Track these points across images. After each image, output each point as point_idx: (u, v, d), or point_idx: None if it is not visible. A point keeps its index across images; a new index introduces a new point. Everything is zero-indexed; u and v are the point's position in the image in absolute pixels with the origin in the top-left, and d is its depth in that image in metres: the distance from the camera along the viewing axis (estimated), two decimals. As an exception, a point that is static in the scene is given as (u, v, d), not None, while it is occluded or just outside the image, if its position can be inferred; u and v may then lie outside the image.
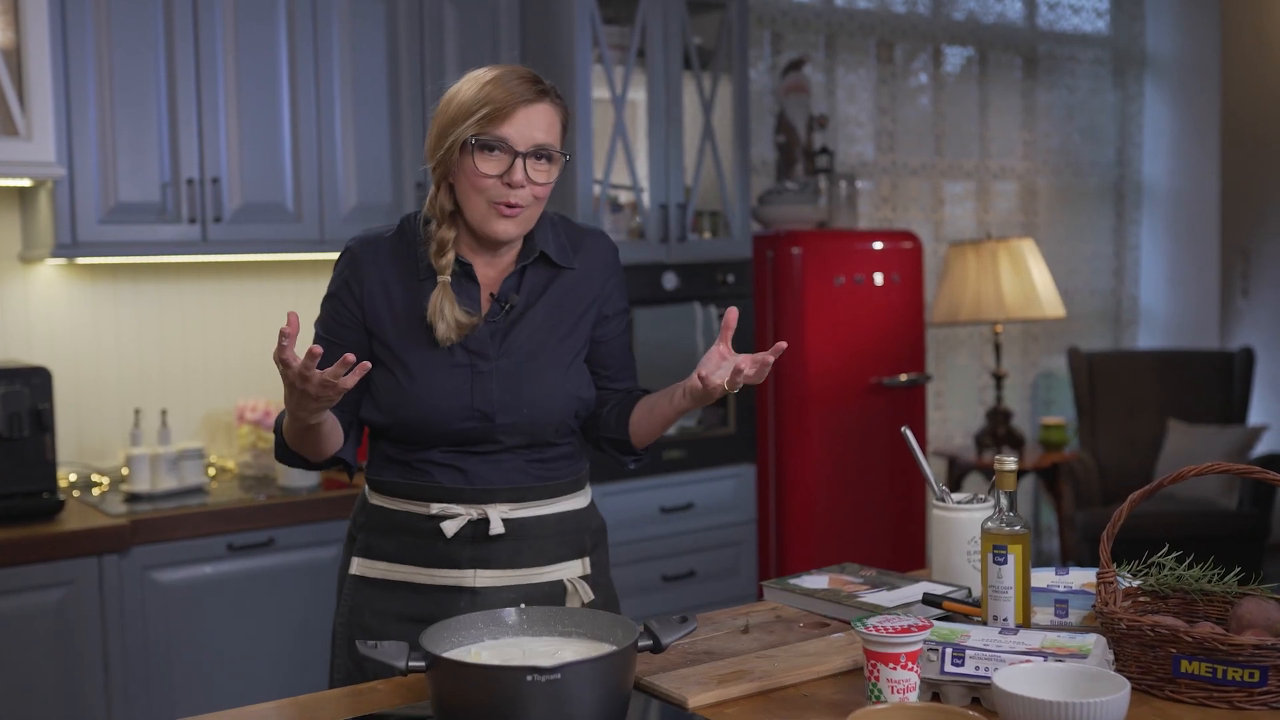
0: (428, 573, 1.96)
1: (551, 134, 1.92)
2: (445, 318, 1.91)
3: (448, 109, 1.92)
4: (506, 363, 1.95)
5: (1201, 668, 1.59)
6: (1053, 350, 6.06)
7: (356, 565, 2.01)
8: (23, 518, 3.05)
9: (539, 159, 1.91)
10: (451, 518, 1.94)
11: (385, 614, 1.98)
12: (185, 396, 3.73)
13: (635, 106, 4.17)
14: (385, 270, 1.97)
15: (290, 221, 3.52)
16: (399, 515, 1.98)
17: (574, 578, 2.02)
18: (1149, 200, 6.34)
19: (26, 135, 3.06)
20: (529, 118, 1.89)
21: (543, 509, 2.00)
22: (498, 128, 1.87)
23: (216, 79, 3.39)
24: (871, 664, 1.57)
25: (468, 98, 1.89)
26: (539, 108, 1.90)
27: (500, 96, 1.87)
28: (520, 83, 1.90)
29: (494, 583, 1.96)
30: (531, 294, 1.99)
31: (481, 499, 1.95)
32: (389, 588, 1.98)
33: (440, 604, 1.94)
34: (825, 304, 4.37)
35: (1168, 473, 1.77)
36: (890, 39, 5.39)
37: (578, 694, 1.45)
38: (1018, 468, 1.87)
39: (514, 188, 1.89)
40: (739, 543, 4.20)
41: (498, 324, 1.96)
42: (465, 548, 1.95)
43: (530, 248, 2.00)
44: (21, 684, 2.94)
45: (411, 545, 1.97)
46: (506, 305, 1.97)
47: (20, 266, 3.49)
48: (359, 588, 2.01)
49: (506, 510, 1.96)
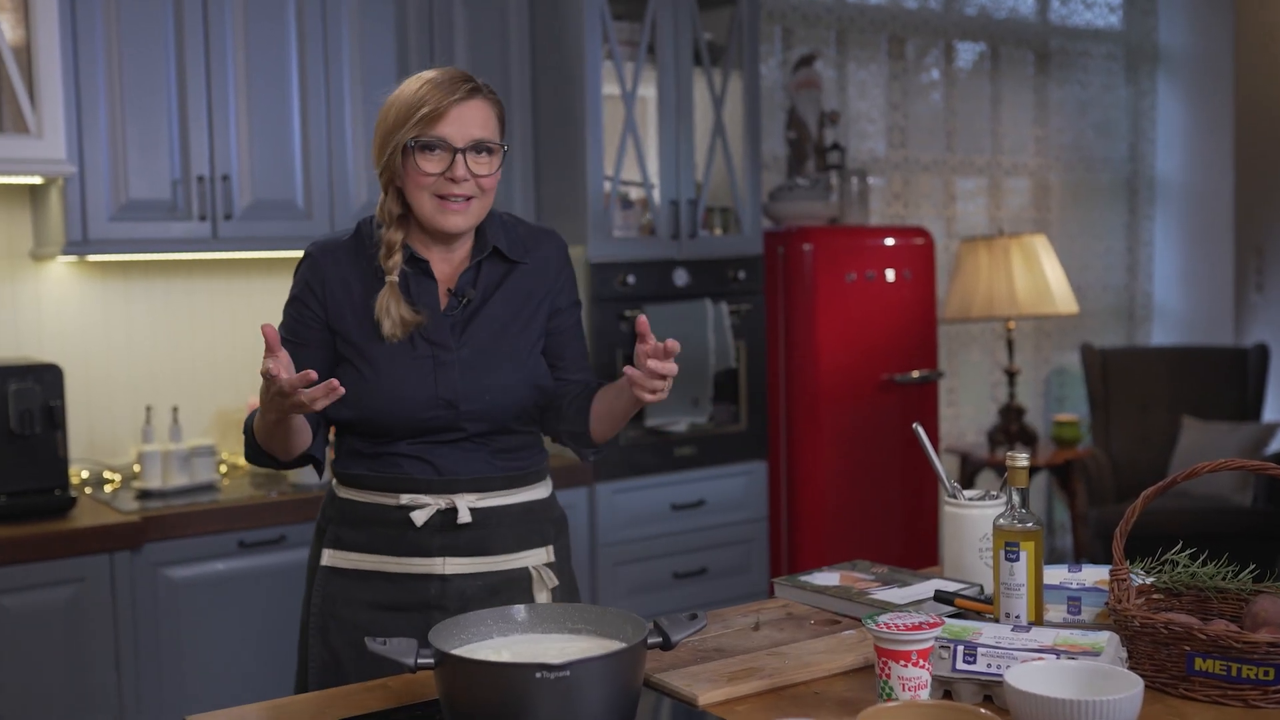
0: (398, 561, 2.02)
1: (488, 128, 2.01)
2: (390, 315, 1.99)
3: (387, 115, 2.02)
4: (467, 353, 2.03)
5: (1216, 666, 1.58)
6: (1066, 347, 6.04)
7: (327, 557, 2.07)
8: (34, 514, 3.06)
9: (479, 153, 1.99)
10: (420, 508, 2.01)
11: (357, 602, 2.03)
12: (196, 393, 3.73)
13: (645, 103, 4.17)
14: (345, 271, 2.05)
15: (300, 218, 3.52)
16: (368, 507, 2.04)
17: (539, 565, 2.08)
18: (1162, 196, 6.31)
19: (37, 133, 3.07)
20: (463, 115, 1.98)
21: (507, 498, 2.06)
22: (435, 128, 1.97)
23: (227, 76, 3.39)
24: (883, 661, 1.56)
25: (404, 102, 1.99)
26: (473, 104, 1.99)
27: (434, 97, 1.97)
28: (453, 83, 1.99)
29: (462, 569, 2.02)
30: (488, 288, 2.07)
31: (449, 489, 2.02)
32: (360, 577, 2.04)
33: (411, 591, 2.01)
34: (837, 300, 4.36)
35: (1181, 470, 1.76)
36: (902, 34, 5.38)
37: (587, 691, 1.45)
38: (1030, 464, 1.86)
39: (457, 182, 1.98)
40: (750, 540, 4.19)
41: (456, 316, 2.04)
42: (434, 536, 2.01)
43: (483, 243, 2.08)
44: (33, 680, 2.95)
45: (381, 535, 2.03)
46: (464, 299, 2.05)
47: (31, 264, 3.50)
48: (331, 578, 2.06)
49: (473, 500, 2.02)
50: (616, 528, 3.87)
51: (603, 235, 3.84)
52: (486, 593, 2.02)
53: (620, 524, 3.89)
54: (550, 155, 3.91)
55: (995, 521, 1.83)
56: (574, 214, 3.84)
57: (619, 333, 3.88)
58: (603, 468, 3.83)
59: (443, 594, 2.00)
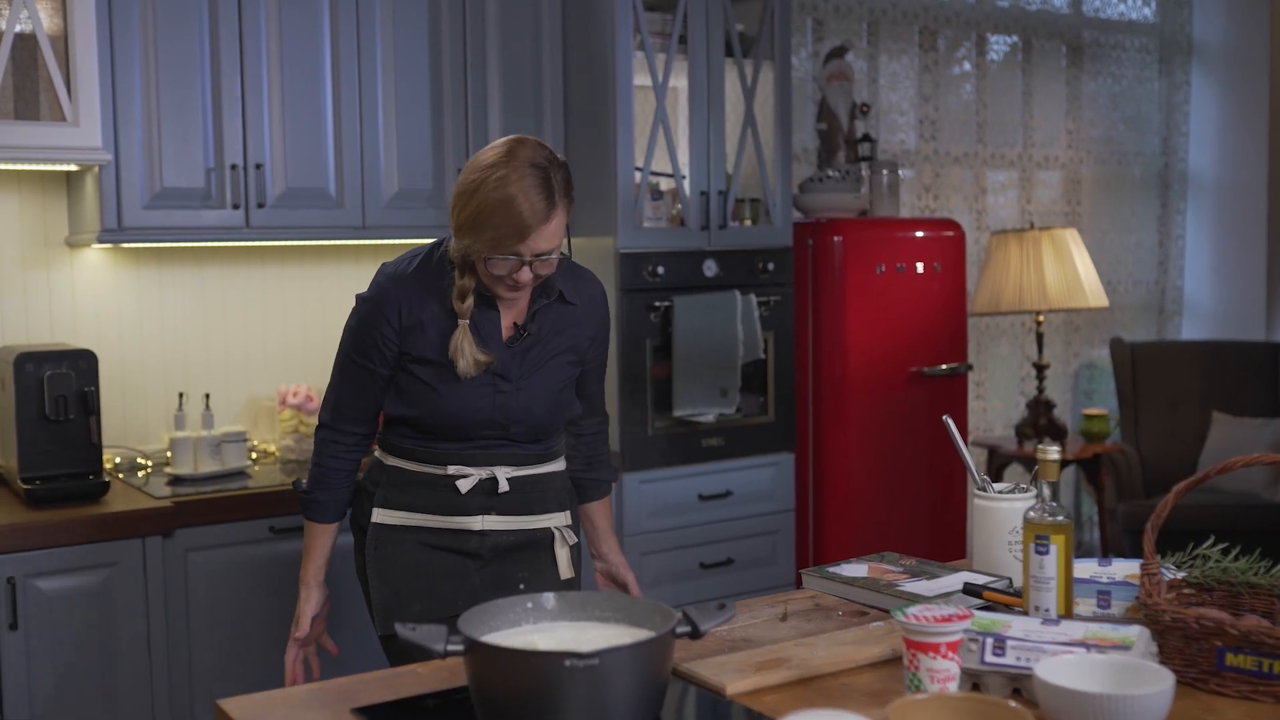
0: (441, 519, 2.29)
1: (557, 237, 2.17)
2: (465, 356, 2.21)
3: (467, 204, 2.13)
4: (523, 383, 2.28)
5: (1247, 661, 1.57)
6: (1095, 341, 6.01)
7: (378, 514, 2.32)
8: (68, 499, 3.09)
9: (544, 257, 2.16)
10: (464, 477, 2.27)
11: (408, 542, 2.31)
12: (228, 380, 3.76)
13: (676, 93, 4.16)
14: (417, 301, 2.24)
15: (333, 207, 3.54)
16: (416, 474, 2.30)
17: (561, 526, 2.37)
18: (1194, 190, 6.26)
19: (74, 121, 3.09)
20: (539, 236, 2.12)
21: (538, 469, 2.34)
22: (512, 246, 2.12)
23: (260, 65, 3.41)
24: (911, 653, 1.56)
25: (487, 208, 2.10)
26: (549, 227, 2.13)
27: (518, 222, 2.09)
28: (536, 197, 2.10)
29: (498, 526, 2.30)
30: (544, 325, 2.30)
31: (489, 462, 2.28)
32: (408, 530, 2.31)
33: (453, 539, 2.29)
34: (866, 292, 4.35)
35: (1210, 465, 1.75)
36: (933, 26, 5.36)
37: (616, 680, 1.45)
38: (1061, 458, 1.85)
39: (519, 285, 2.19)
40: (777, 531, 4.19)
41: (516, 349, 2.27)
42: (476, 498, 2.29)
43: (550, 289, 2.29)
44: (65, 663, 2.98)
45: (428, 497, 2.29)
46: (525, 334, 2.28)
47: (67, 251, 3.53)
48: (381, 531, 2.32)
49: (510, 471, 2.30)
50: (644, 518, 3.88)
51: (632, 226, 3.84)
52: (516, 546, 2.32)
53: (647, 514, 3.89)
54: (581, 145, 3.91)
55: (1025, 515, 1.82)
56: (604, 204, 3.85)
57: (648, 324, 3.88)
58: (630, 458, 3.83)
59: (481, 545, 2.30)
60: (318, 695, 1.70)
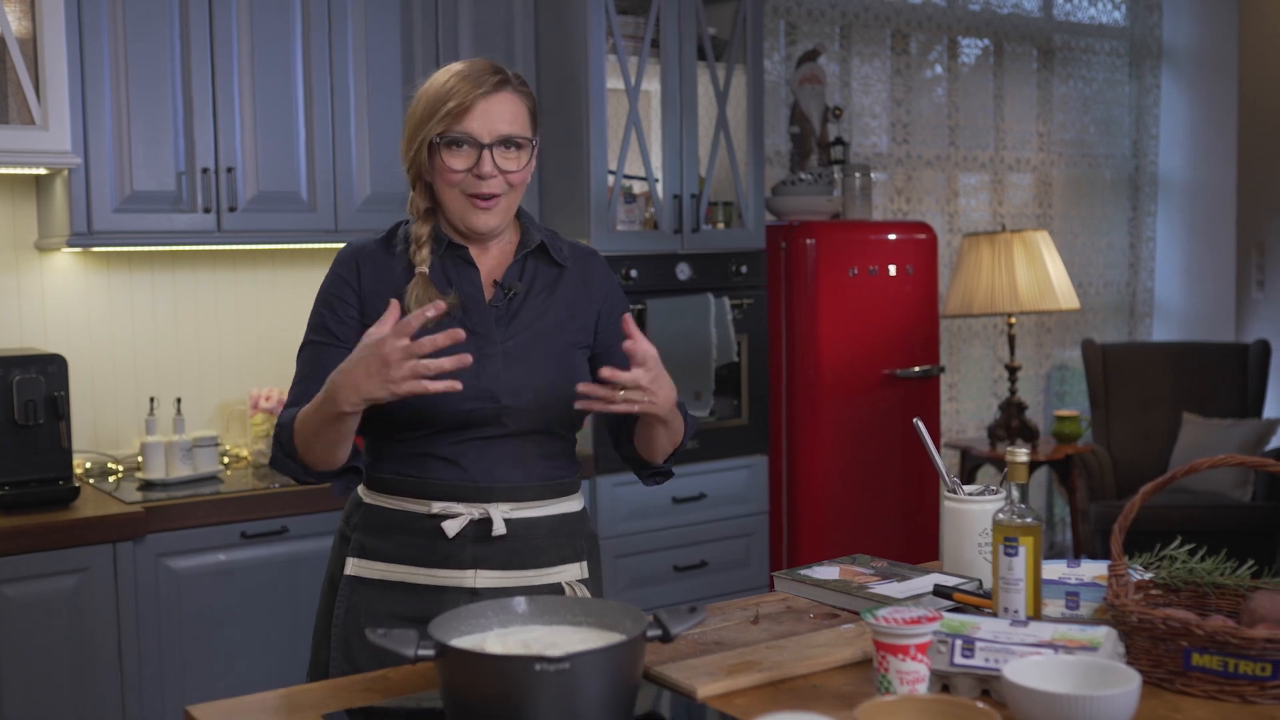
0: (427, 573, 1.95)
1: (517, 123, 1.97)
2: (419, 302, 1.93)
3: (415, 109, 1.98)
4: (511, 345, 1.97)
5: (1213, 661, 1.58)
6: (1067, 342, 6.05)
7: (352, 566, 1.99)
8: (38, 505, 3.07)
9: (507, 148, 1.95)
10: (453, 517, 1.93)
11: (383, 615, 1.96)
12: (199, 385, 3.74)
13: (649, 97, 4.17)
14: (380, 270, 2.01)
15: (305, 211, 3.53)
16: (397, 515, 1.97)
17: (572, 581, 2.02)
18: (1164, 192, 6.31)
19: (42, 124, 3.07)
20: (490, 109, 1.94)
21: (542, 510, 2.00)
22: (460, 123, 1.93)
23: (231, 68, 3.40)
24: (881, 655, 1.57)
25: (431, 96, 1.95)
26: (500, 97, 1.95)
27: (460, 91, 1.92)
28: (480, 75, 1.95)
29: (494, 583, 1.95)
30: (533, 285, 2.03)
31: (483, 497, 1.95)
32: (386, 588, 1.97)
33: (440, 604, 1.89)
34: (839, 295, 4.36)
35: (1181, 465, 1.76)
36: (905, 30, 5.38)
37: (586, 683, 1.45)
38: (1030, 459, 1.86)
39: (484, 179, 1.94)
40: (751, 533, 4.20)
41: (501, 309, 2.00)
42: (466, 547, 1.95)
43: (529, 239, 2.05)
44: (36, 670, 2.96)
45: (410, 545, 1.96)
46: (510, 291, 2.01)
47: (36, 255, 3.50)
48: (355, 589, 1.99)
49: (508, 510, 1.95)
50: (617, 520, 3.88)
51: (605, 229, 3.85)
52: None
53: (621, 517, 3.89)
54: (554, 149, 3.91)
55: (994, 516, 1.83)
56: (577, 207, 3.85)
57: (621, 326, 3.88)
58: (603, 460, 3.84)
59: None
60: (287, 701, 1.70)
